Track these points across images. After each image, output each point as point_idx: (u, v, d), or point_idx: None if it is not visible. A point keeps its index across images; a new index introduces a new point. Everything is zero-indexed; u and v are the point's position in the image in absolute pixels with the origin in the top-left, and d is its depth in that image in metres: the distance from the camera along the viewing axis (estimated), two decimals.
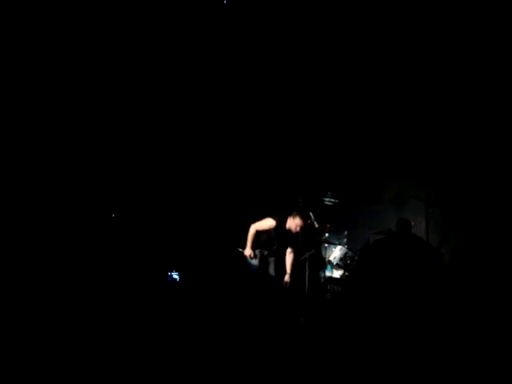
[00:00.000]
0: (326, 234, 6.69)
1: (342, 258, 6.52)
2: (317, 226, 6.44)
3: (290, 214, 5.68)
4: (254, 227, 5.61)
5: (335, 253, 6.61)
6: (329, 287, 6.49)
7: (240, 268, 5.91)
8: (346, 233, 6.87)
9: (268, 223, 5.62)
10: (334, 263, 6.49)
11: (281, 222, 5.62)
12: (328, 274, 6.57)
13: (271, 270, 5.78)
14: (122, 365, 3.85)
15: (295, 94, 7.28)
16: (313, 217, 6.34)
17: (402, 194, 6.62)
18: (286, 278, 5.71)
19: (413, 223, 6.13)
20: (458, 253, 6.29)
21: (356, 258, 6.39)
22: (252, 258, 5.63)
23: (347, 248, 6.59)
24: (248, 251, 5.58)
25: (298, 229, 5.58)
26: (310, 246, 6.43)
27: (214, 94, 7.34)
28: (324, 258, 6.57)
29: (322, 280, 6.44)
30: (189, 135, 7.33)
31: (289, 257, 5.79)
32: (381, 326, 5.06)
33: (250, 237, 5.59)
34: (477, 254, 6.14)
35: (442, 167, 6.70)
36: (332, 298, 6.38)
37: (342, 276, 6.47)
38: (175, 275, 6.75)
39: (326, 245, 6.66)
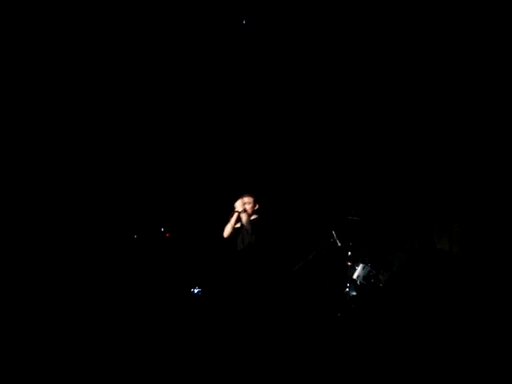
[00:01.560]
0: (349, 253, 6.65)
1: (366, 277, 6.43)
2: (339, 244, 6.42)
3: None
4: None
5: (358, 271, 6.51)
6: (353, 306, 6.41)
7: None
8: (368, 251, 6.81)
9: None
10: (358, 282, 6.40)
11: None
12: (352, 293, 6.49)
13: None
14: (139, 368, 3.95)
15: (320, 113, 7.30)
16: (335, 235, 6.30)
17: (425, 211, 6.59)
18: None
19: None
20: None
21: (380, 276, 6.32)
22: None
23: (370, 266, 6.51)
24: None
25: (247, 207, 5.65)
26: (332, 266, 6.42)
27: (232, 113, 7.37)
28: (347, 277, 6.50)
29: (347, 298, 6.37)
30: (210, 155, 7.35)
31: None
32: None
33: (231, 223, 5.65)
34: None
35: (465, 183, 6.65)
36: (356, 318, 6.30)
37: (365, 295, 6.39)
38: (197, 291, 6.73)
39: (349, 263, 6.59)
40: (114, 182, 7.01)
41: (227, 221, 5.70)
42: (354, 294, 6.47)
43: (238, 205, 5.65)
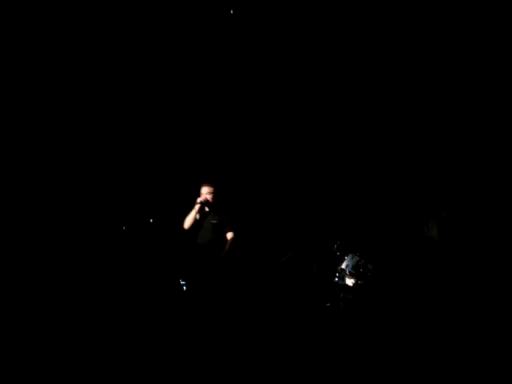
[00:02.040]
0: (338, 242, 6.66)
1: (354, 266, 6.47)
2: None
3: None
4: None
5: (347, 261, 6.55)
6: (342, 296, 6.45)
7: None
8: (357, 240, 6.84)
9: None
10: (347, 271, 6.44)
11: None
12: (341, 282, 6.52)
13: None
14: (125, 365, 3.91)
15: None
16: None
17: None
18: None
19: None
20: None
21: (369, 266, 6.36)
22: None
23: (359, 256, 6.55)
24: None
25: (208, 197, 5.76)
26: (319, 256, 6.46)
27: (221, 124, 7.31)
28: (337, 267, 6.53)
29: (336, 288, 6.41)
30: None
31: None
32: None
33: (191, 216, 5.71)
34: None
35: (452, 173, 6.69)
36: (345, 307, 6.34)
37: (354, 284, 6.43)
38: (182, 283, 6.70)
39: (338, 253, 6.62)
40: (102, 174, 6.96)
41: (188, 212, 5.75)
42: (343, 283, 6.52)
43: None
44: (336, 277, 6.54)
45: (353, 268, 6.46)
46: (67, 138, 6.72)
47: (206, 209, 5.86)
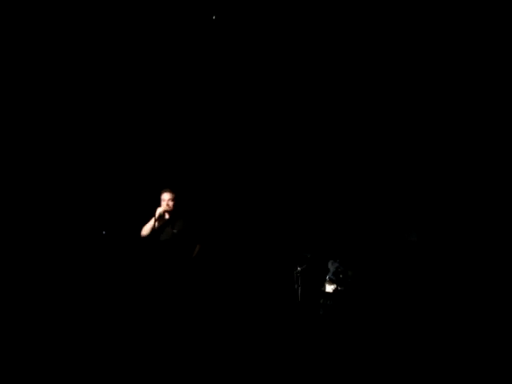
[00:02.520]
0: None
1: (335, 273, 6.50)
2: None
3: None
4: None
5: (327, 267, 6.57)
6: (321, 302, 6.47)
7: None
8: (337, 247, 6.87)
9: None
10: (327, 278, 6.46)
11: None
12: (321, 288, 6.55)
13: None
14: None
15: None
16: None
17: None
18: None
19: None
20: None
21: (349, 272, 6.39)
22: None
23: (339, 262, 6.57)
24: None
25: (170, 204, 5.35)
26: (301, 261, 6.48)
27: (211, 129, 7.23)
28: (320, 273, 6.53)
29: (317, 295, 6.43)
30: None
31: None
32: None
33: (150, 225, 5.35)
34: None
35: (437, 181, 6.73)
36: (325, 313, 6.36)
37: (334, 290, 6.45)
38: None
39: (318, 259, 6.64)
40: (83, 176, 6.92)
41: (148, 219, 5.37)
42: (323, 289, 6.54)
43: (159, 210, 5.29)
44: (319, 284, 6.56)
45: (333, 274, 6.49)
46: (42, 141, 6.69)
47: (167, 216, 5.47)
